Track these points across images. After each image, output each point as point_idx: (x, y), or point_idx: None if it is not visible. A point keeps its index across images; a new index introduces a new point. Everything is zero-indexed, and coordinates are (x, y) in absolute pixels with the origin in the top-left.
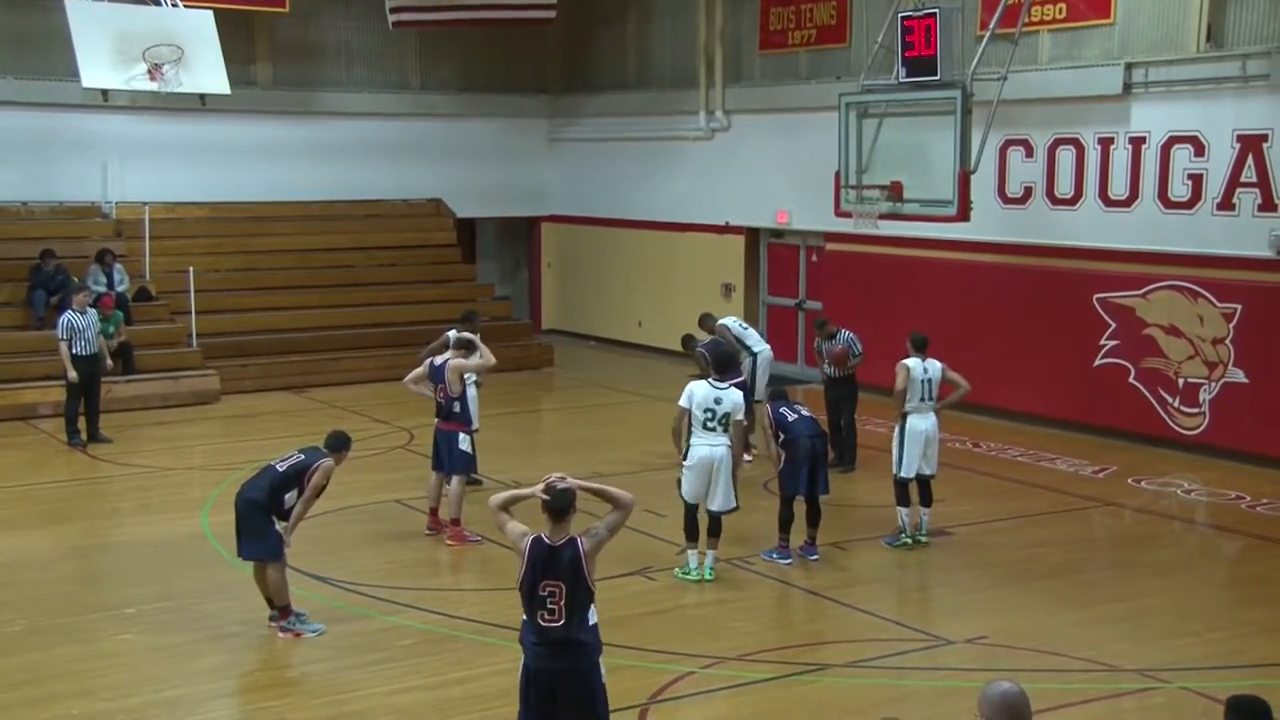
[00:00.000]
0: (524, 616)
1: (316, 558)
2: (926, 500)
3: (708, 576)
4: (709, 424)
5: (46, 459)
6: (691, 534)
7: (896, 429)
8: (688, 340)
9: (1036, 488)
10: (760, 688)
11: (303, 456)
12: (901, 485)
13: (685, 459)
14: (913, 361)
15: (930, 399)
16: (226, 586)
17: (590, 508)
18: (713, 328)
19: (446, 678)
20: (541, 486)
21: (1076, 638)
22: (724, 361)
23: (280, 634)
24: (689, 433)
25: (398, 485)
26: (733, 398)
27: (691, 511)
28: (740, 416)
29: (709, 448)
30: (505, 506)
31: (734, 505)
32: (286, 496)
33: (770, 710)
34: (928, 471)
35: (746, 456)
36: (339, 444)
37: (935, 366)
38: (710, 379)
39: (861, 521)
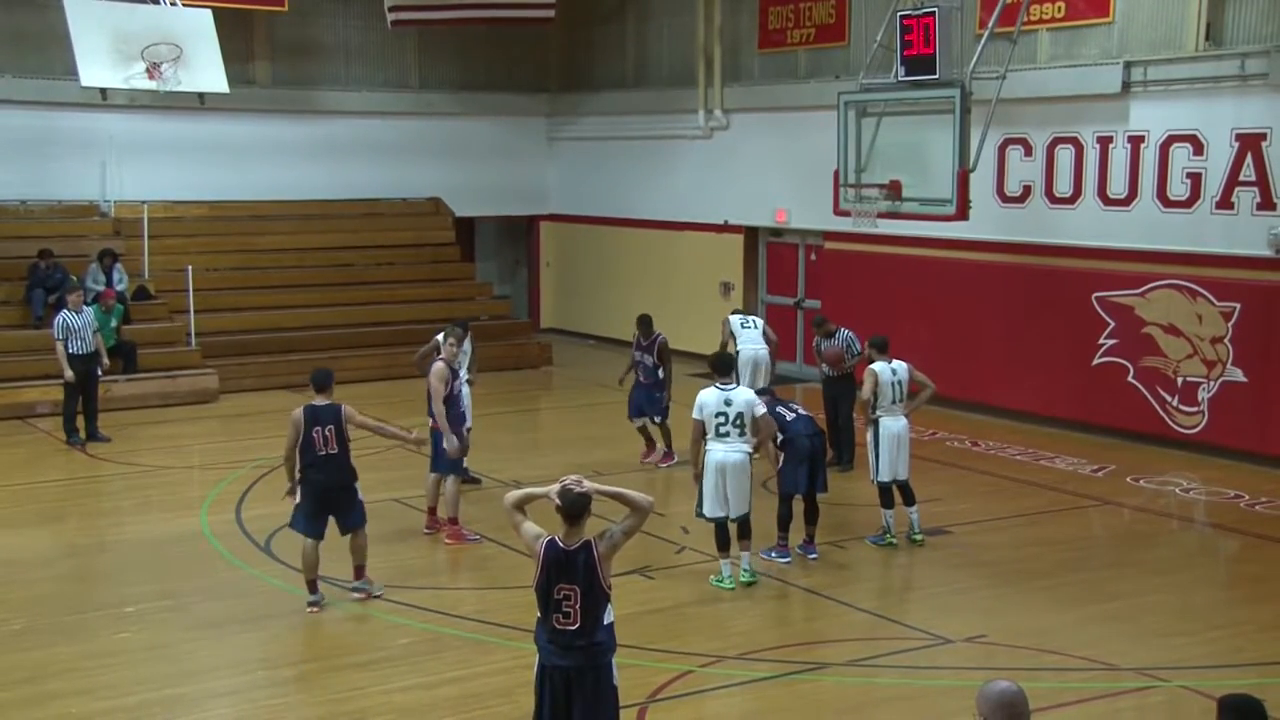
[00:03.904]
0: (539, 615)
1: None
2: (909, 500)
3: (744, 579)
4: (722, 429)
5: (45, 458)
6: (723, 545)
7: (870, 433)
8: (644, 320)
9: (1035, 486)
10: (759, 686)
11: (331, 424)
12: (884, 488)
13: (701, 471)
14: (879, 365)
15: (900, 400)
16: (225, 585)
17: (602, 510)
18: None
19: (445, 677)
20: (557, 488)
21: (1075, 636)
22: (724, 365)
23: (354, 595)
24: (704, 442)
25: (396, 484)
26: (743, 396)
27: (718, 525)
28: (759, 413)
29: (723, 453)
30: (519, 506)
31: (746, 510)
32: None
33: (769, 709)
34: (902, 476)
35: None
36: (324, 382)
37: (902, 367)
38: (716, 383)
39: (860, 520)
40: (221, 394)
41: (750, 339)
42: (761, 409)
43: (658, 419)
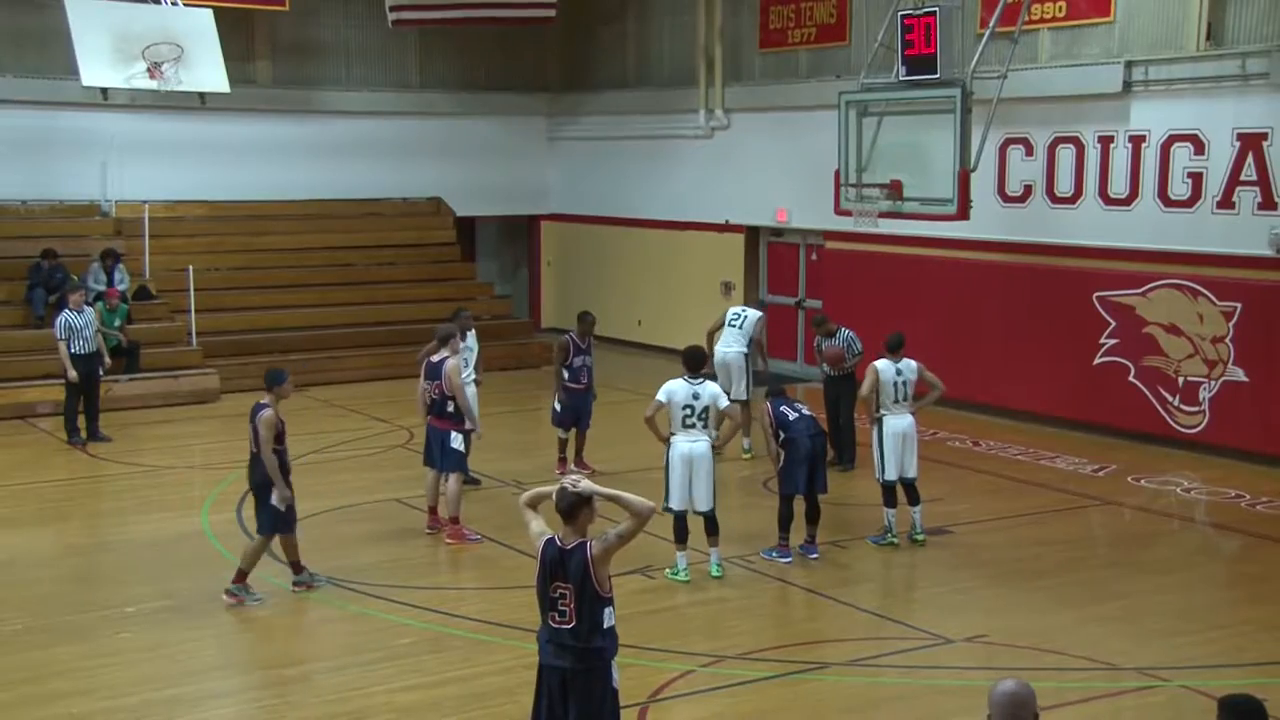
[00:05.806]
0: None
1: (316, 556)
2: (913, 499)
3: (714, 574)
4: (688, 420)
5: (46, 458)
6: (681, 537)
7: (874, 432)
8: (588, 318)
9: (1036, 486)
10: (760, 686)
11: (251, 423)
12: (888, 487)
13: (668, 454)
14: (882, 364)
15: (904, 399)
16: (226, 585)
17: (605, 511)
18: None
19: (446, 676)
20: (556, 488)
21: (1076, 636)
22: (695, 361)
23: (225, 597)
24: (669, 430)
25: (397, 484)
26: (709, 390)
27: (680, 517)
28: (724, 405)
29: (689, 445)
30: (532, 504)
31: (712, 505)
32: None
33: (770, 709)
34: (910, 475)
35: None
36: (273, 381)
37: (910, 366)
38: (685, 377)
39: (861, 520)
40: (223, 394)
41: (730, 339)
42: (725, 401)
43: (586, 426)
